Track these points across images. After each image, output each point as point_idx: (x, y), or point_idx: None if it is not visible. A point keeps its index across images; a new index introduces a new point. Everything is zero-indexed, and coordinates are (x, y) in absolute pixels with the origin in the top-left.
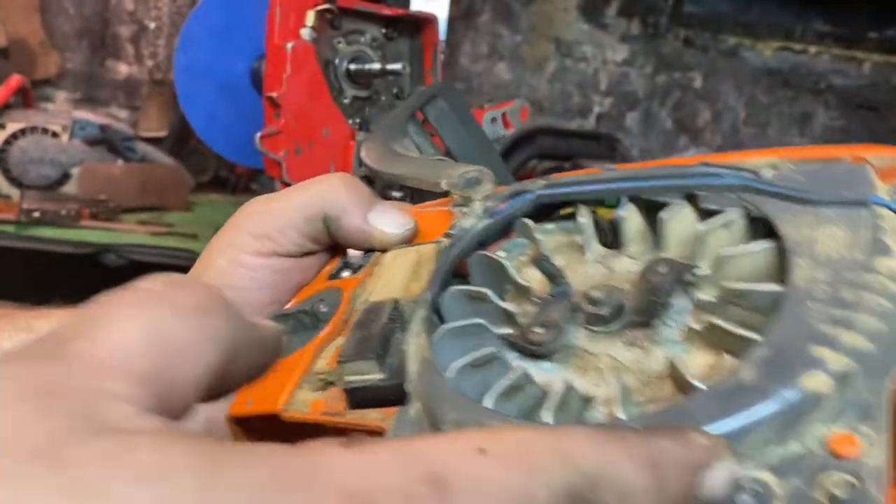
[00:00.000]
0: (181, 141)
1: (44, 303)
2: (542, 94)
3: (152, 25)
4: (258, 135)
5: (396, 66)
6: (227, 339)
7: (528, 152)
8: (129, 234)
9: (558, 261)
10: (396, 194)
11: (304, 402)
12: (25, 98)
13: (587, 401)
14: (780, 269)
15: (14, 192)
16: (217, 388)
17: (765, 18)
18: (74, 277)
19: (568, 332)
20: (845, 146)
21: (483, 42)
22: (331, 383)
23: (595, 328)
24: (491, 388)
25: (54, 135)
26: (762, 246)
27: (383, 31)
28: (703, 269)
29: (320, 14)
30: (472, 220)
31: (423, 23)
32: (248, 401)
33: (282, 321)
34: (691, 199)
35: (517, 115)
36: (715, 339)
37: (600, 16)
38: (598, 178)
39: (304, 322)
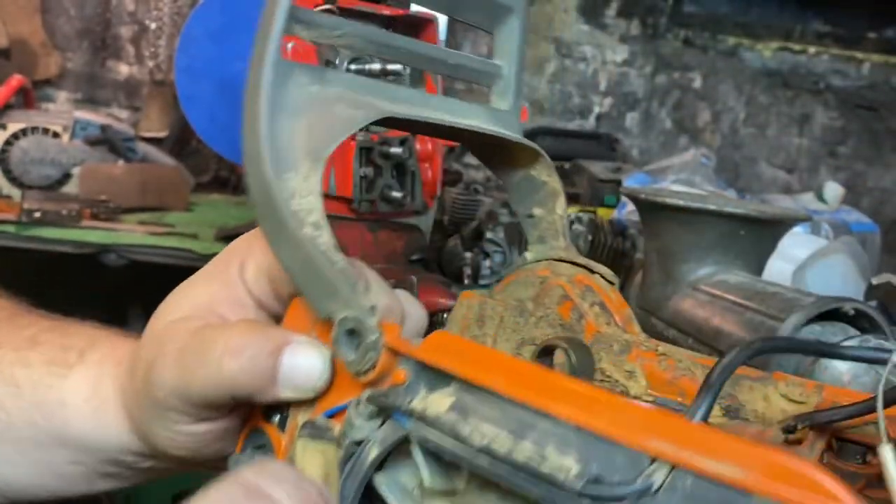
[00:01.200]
0: (182, 141)
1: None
2: (541, 95)
3: (153, 26)
4: None
5: (396, 67)
6: None
7: None
8: (130, 234)
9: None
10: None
11: None
12: (26, 98)
13: None
14: None
15: (15, 193)
16: None
17: (764, 19)
18: (75, 277)
19: None
20: (799, 463)
21: (483, 43)
22: None
23: None
24: None
25: (55, 135)
26: None
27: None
28: None
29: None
30: (363, 430)
31: (423, 23)
32: None
33: None
34: None
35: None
36: None
37: (600, 16)
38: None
39: None
